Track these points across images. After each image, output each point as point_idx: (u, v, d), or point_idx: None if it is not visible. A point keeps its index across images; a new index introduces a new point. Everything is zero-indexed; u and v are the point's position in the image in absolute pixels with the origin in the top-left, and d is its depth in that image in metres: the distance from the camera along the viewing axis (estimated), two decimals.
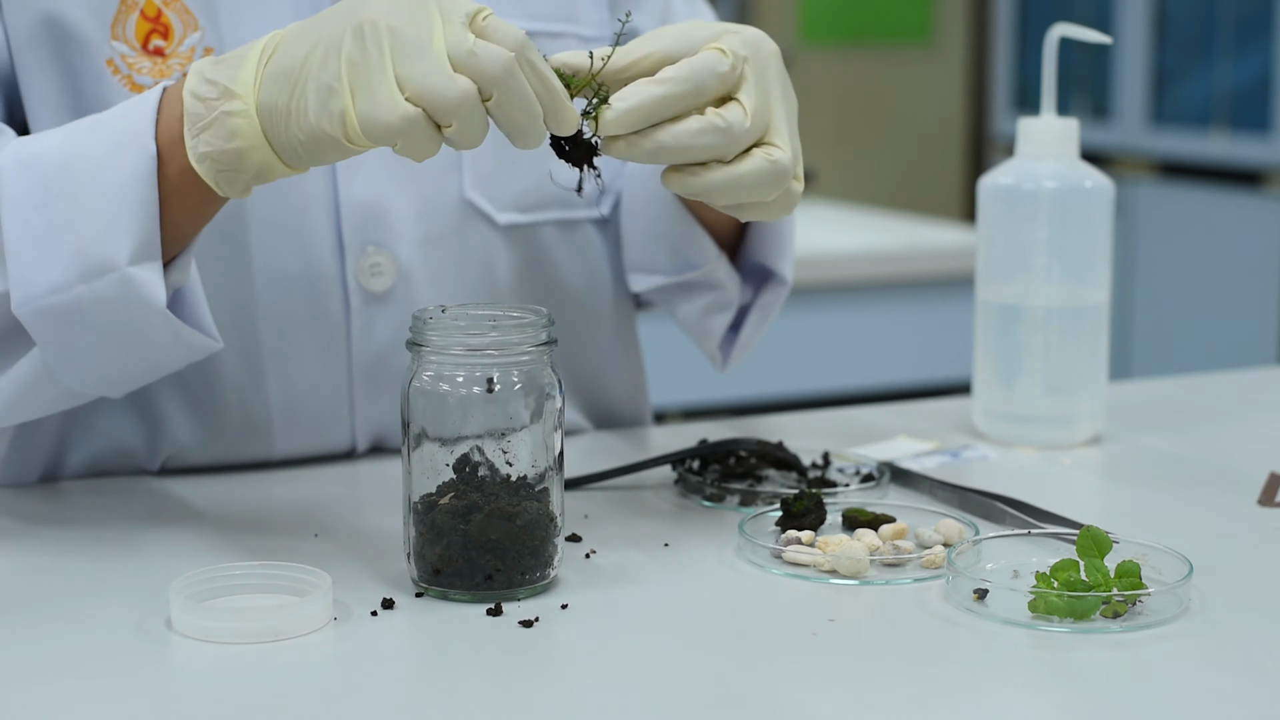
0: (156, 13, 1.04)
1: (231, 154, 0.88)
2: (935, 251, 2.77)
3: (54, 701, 0.75)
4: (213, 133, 0.88)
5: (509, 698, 0.75)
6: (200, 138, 0.88)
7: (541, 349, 0.87)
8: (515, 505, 0.86)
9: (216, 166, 0.89)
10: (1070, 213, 1.19)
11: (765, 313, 1.19)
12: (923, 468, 1.14)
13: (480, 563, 0.86)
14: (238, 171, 0.89)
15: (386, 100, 0.83)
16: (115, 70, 1.03)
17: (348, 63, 0.84)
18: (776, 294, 1.19)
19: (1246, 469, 1.13)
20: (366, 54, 0.84)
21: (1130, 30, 4.30)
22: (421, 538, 0.87)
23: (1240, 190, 4.01)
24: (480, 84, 0.83)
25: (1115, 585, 0.85)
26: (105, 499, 1.07)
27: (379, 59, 0.84)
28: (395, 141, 0.84)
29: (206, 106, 0.88)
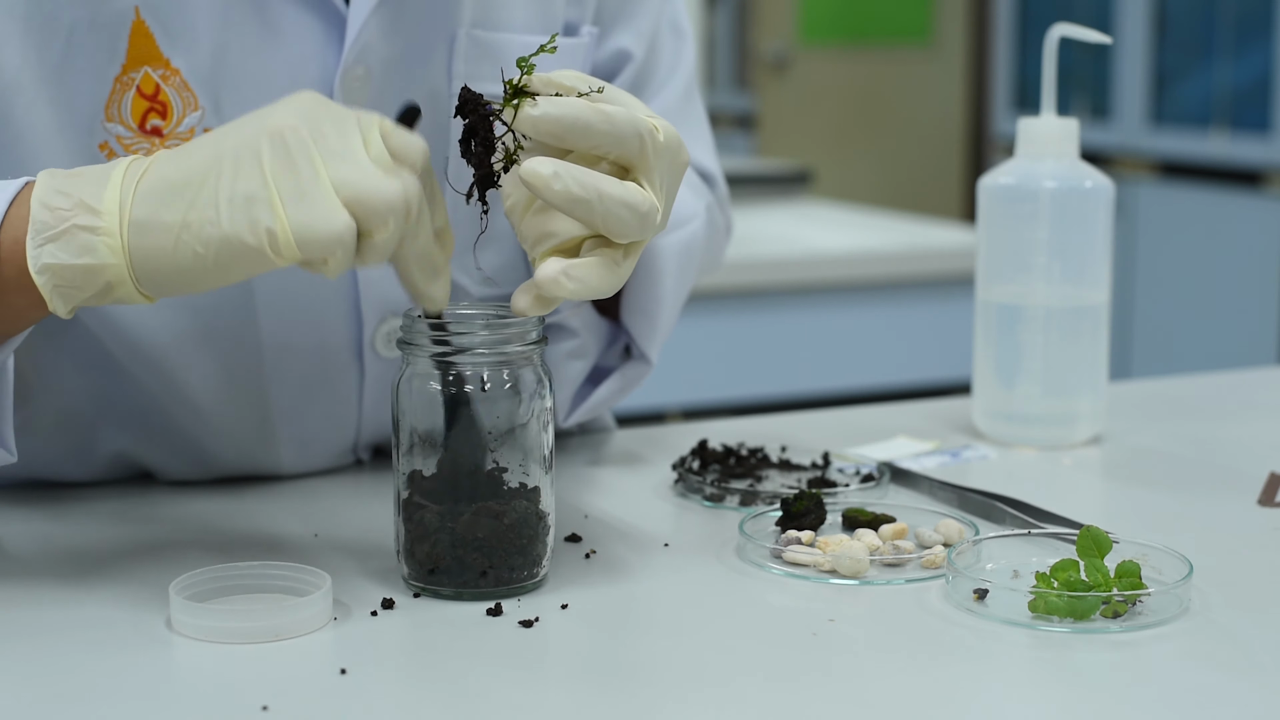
0: (155, 89, 0.97)
1: (78, 271, 0.81)
2: (935, 251, 2.77)
3: (54, 701, 0.75)
4: (60, 245, 0.81)
5: (509, 698, 0.75)
6: (45, 248, 0.81)
7: (531, 348, 0.87)
8: (503, 504, 0.86)
9: (55, 280, 0.81)
10: (1070, 213, 1.19)
11: (625, 383, 1.14)
12: (923, 468, 1.14)
13: (468, 561, 0.86)
14: (78, 289, 0.81)
15: (326, 209, 0.77)
16: (110, 154, 0.97)
17: (271, 170, 0.78)
18: (636, 371, 1.14)
19: (1246, 469, 1.13)
20: (293, 160, 0.78)
21: (1130, 30, 4.31)
22: (410, 536, 0.87)
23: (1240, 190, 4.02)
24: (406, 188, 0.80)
25: (1115, 585, 0.85)
26: (106, 500, 1.07)
27: (308, 166, 0.78)
28: (334, 253, 0.78)
29: (55, 216, 0.81)
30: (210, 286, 0.81)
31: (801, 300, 2.66)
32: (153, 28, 0.97)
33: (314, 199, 0.78)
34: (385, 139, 0.81)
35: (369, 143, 0.80)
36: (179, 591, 0.83)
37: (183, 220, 0.79)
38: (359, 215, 0.78)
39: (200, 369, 1.04)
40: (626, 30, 1.16)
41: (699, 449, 1.13)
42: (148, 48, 0.97)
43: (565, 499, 1.05)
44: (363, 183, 0.78)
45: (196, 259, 0.79)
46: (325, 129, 0.79)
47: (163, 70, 0.97)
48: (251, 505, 1.05)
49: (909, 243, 2.85)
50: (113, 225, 0.80)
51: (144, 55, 0.97)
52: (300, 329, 1.05)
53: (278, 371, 1.06)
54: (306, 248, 0.78)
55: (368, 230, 0.79)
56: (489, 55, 1.06)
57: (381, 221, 0.78)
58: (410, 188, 0.80)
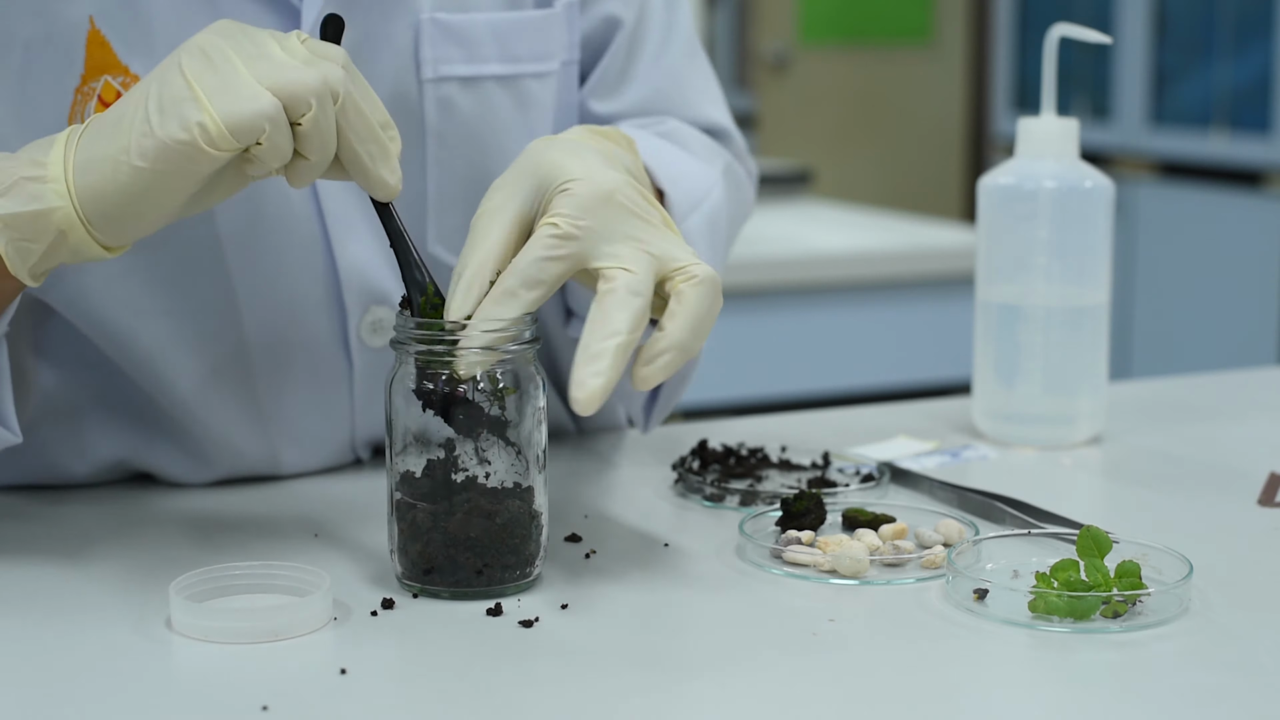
0: (115, 97, 0.97)
1: (26, 218, 0.84)
2: (935, 251, 2.77)
3: (54, 701, 0.75)
4: (9, 198, 0.84)
5: (509, 698, 0.75)
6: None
7: (525, 347, 0.87)
8: (496, 503, 0.86)
9: (9, 233, 0.84)
10: (1070, 213, 1.19)
11: (681, 377, 1.14)
12: (922, 468, 1.14)
13: (461, 560, 0.86)
14: (30, 241, 0.84)
15: (249, 93, 0.81)
16: None
17: (193, 74, 0.81)
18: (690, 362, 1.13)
19: (1246, 469, 1.13)
20: (213, 62, 0.82)
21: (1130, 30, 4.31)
22: (404, 535, 0.87)
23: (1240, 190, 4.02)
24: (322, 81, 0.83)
25: (1115, 585, 0.85)
26: (106, 500, 1.07)
27: (227, 64, 0.82)
28: (262, 132, 0.81)
29: (4, 174, 0.84)
30: (159, 210, 0.84)
31: (801, 300, 2.66)
32: (109, 36, 0.97)
33: (237, 88, 0.81)
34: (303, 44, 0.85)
35: (287, 47, 0.84)
36: (179, 591, 0.83)
37: (119, 145, 0.82)
38: (282, 99, 0.81)
39: (189, 370, 1.04)
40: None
41: (699, 449, 1.13)
42: (105, 56, 0.97)
43: (565, 499, 1.05)
44: (281, 71, 0.82)
45: (137, 173, 0.82)
46: (241, 39, 0.83)
47: (123, 78, 0.97)
48: (251, 505, 1.05)
49: (909, 243, 2.85)
50: (58, 173, 0.84)
51: (102, 64, 0.97)
52: (284, 324, 1.06)
53: (265, 369, 1.06)
54: (238, 132, 0.81)
55: (295, 115, 0.82)
56: (454, 38, 1.06)
57: (304, 103, 0.82)
58: (330, 74, 0.83)
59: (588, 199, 0.86)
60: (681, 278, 0.86)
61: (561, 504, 1.04)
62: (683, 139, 1.14)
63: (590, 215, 0.86)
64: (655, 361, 0.84)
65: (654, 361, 0.84)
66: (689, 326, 0.85)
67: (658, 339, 0.85)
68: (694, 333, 0.85)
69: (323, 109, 0.82)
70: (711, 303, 0.86)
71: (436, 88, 1.06)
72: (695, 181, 1.11)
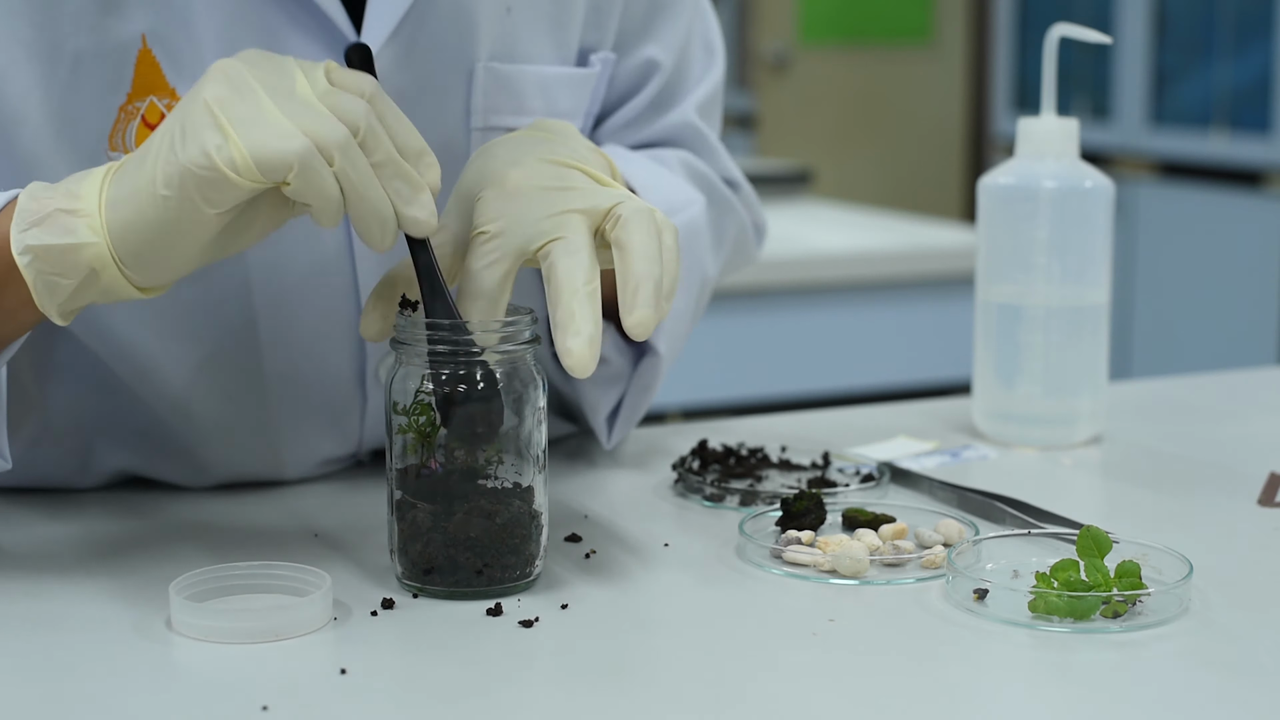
0: (160, 118, 0.95)
1: (58, 251, 0.82)
2: (935, 251, 2.77)
3: (54, 701, 0.75)
4: (44, 228, 0.83)
5: (509, 698, 0.75)
6: (29, 232, 0.83)
7: (525, 347, 0.87)
8: (496, 503, 0.86)
9: (39, 265, 0.83)
10: (1070, 213, 1.19)
11: (644, 386, 1.13)
12: (922, 468, 1.14)
13: (461, 560, 0.86)
14: (61, 275, 0.83)
15: (278, 128, 0.79)
16: None
17: (216, 101, 0.80)
18: (653, 368, 1.12)
19: (1246, 469, 1.13)
20: (238, 91, 0.80)
21: (1130, 30, 4.31)
22: (404, 535, 0.88)
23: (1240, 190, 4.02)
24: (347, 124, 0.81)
25: (1115, 585, 0.85)
26: (106, 500, 1.07)
27: (252, 95, 0.80)
28: (291, 169, 0.79)
29: (40, 205, 0.83)
30: (188, 245, 0.82)
31: (801, 300, 2.66)
32: (159, 56, 0.95)
33: (265, 120, 0.80)
34: (329, 75, 0.83)
35: (312, 80, 0.82)
36: (179, 591, 0.83)
37: (146, 177, 0.81)
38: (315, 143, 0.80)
39: (204, 397, 1.04)
40: (654, 41, 1.15)
41: (699, 449, 1.13)
42: (153, 77, 0.95)
43: (565, 499, 1.05)
44: (311, 120, 0.80)
45: (162, 203, 0.81)
46: (267, 69, 0.82)
47: (168, 99, 0.95)
48: (251, 505, 1.05)
49: (909, 243, 2.85)
50: (92, 207, 0.83)
51: (150, 84, 0.95)
52: (302, 358, 1.05)
53: (280, 398, 1.06)
54: (264, 166, 0.79)
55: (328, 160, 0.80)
56: (507, 88, 1.04)
57: (329, 154, 0.80)
58: (354, 112, 0.81)
59: (500, 195, 0.87)
60: (611, 222, 0.86)
61: (561, 504, 1.04)
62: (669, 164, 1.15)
63: (507, 208, 0.86)
64: (635, 303, 0.83)
65: (633, 305, 0.83)
66: (641, 257, 0.84)
67: (623, 283, 0.84)
68: (647, 260, 0.84)
69: (348, 159, 0.81)
70: (648, 229, 0.85)
71: (484, 136, 1.05)
72: (672, 194, 1.10)
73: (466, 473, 0.86)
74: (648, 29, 1.14)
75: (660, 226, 0.86)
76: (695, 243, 1.12)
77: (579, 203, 0.86)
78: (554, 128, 0.94)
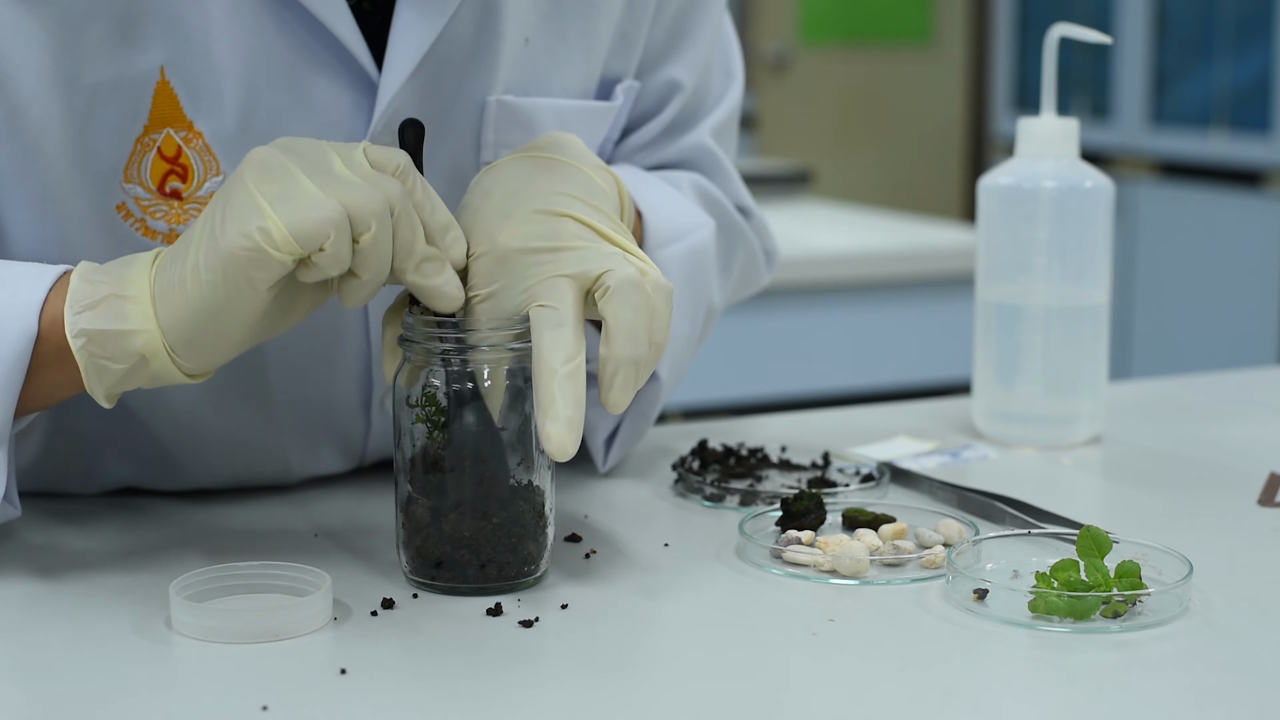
0: (176, 152, 0.95)
1: (111, 337, 0.84)
2: (935, 251, 2.77)
3: (54, 701, 0.75)
4: (98, 312, 0.85)
5: (509, 698, 0.75)
6: (82, 315, 0.85)
7: (530, 344, 0.87)
8: (492, 503, 0.87)
9: (92, 348, 0.85)
10: (1070, 213, 1.19)
11: (642, 412, 1.12)
12: (923, 468, 1.14)
13: (457, 557, 0.87)
14: (112, 360, 0.85)
15: (314, 200, 0.81)
16: (127, 215, 0.96)
17: (255, 185, 0.81)
18: (653, 395, 1.11)
19: (1246, 469, 1.13)
20: (272, 174, 0.82)
21: (1130, 30, 4.31)
22: (407, 530, 0.88)
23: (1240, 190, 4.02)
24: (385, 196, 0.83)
25: (1115, 585, 0.85)
26: (106, 500, 1.07)
27: (289, 176, 0.81)
28: (326, 238, 0.81)
29: (94, 289, 0.85)
30: (236, 329, 0.84)
31: (801, 300, 2.66)
32: (177, 89, 0.94)
33: (300, 196, 0.81)
34: (366, 153, 0.85)
35: (349, 161, 0.84)
36: (179, 591, 0.83)
37: (189, 263, 0.83)
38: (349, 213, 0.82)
39: (210, 419, 1.04)
40: (677, 62, 1.14)
41: (699, 449, 1.13)
42: (171, 109, 0.94)
43: (565, 499, 1.06)
44: (347, 189, 0.82)
45: (207, 288, 0.82)
46: (303, 153, 0.83)
47: (185, 132, 0.95)
48: (252, 505, 1.05)
49: (909, 243, 2.85)
50: (143, 294, 0.85)
51: (167, 117, 0.94)
52: (310, 386, 1.05)
53: (286, 423, 1.06)
54: (302, 237, 0.81)
55: (356, 233, 0.82)
56: (519, 121, 1.03)
57: (365, 223, 0.82)
58: (390, 190, 0.83)
59: (492, 259, 0.87)
60: (599, 291, 0.86)
61: (561, 504, 1.04)
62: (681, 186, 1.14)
63: (498, 274, 0.87)
64: (611, 386, 0.85)
65: (610, 386, 0.85)
66: (622, 338, 0.85)
67: (603, 362, 0.85)
68: (630, 342, 0.85)
69: (382, 230, 0.82)
70: (636, 303, 0.85)
71: None
72: (681, 216, 1.09)
73: (468, 470, 0.87)
74: (671, 50, 1.13)
75: (650, 295, 0.86)
76: (701, 268, 1.11)
77: (568, 267, 0.86)
78: (559, 145, 0.94)
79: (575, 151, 0.94)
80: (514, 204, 0.89)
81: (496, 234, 0.88)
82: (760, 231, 1.22)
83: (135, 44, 0.92)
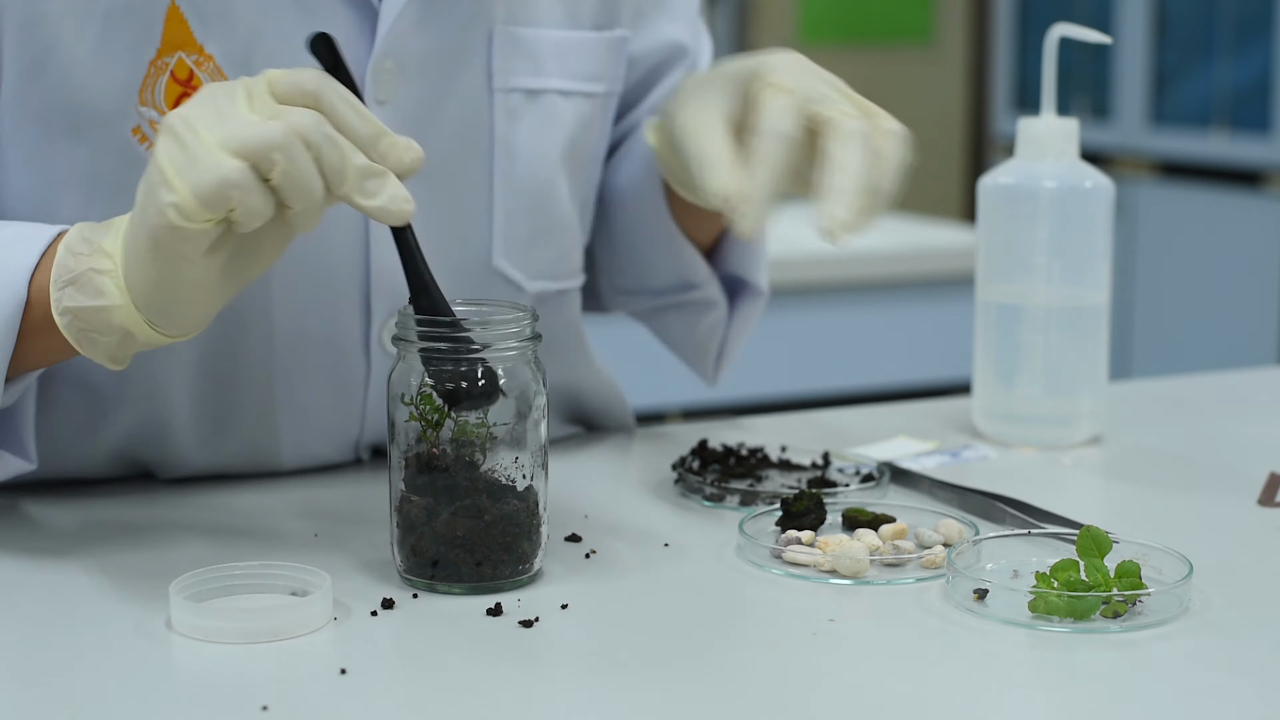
0: (188, 75, 0.97)
1: (93, 313, 0.85)
2: (935, 251, 2.77)
3: (54, 701, 0.75)
4: (77, 288, 0.85)
5: (509, 698, 0.75)
6: (65, 291, 0.86)
7: (526, 344, 0.87)
8: (487, 501, 0.86)
9: (78, 324, 0.86)
10: (1070, 213, 1.19)
11: (744, 324, 1.19)
12: (923, 468, 1.14)
13: (450, 557, 0.87)
14: (99, 334, 0.86)
15: (210, 162, 0.79)
16: (143, 138, 0.98)
17: (165, 155, 0.81)
18: (754, 305, 1.18)
19: (1246, 469, 1.13)
20: (181, 139, 0.81)
21: (1130, 30, 4.30)
22: (400, 529, 0.88)
23: (1240, 190, 4.01)
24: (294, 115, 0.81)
25: (1115, 585, 0.85)
26: (106, 498, 1.07)
27: (194, 138, 0.80)
28: (229, 199, 0.79)
29: (76, 261, 0.86)
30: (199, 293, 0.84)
31: (801, 300, 2.66)
32: (187, 14, 0.97)
33: (200, 159, 0.80)
34: (272, 85, 0.83)
35: (255, 98, 0.82)
36: (179, 591, 0.83)
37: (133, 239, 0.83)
38: (249, 159, 0.80)
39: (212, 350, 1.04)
40: (671, 20, 1.17)
41: (699, 449, 1.13)
42: (182, 33, 0.98)
43: (565, 499, 1.05)
44: (242, 132, 0.80)
45: (151, 265, 0.83)
46: (211, 103, 0.82)
47: (196, 56, 0.98)
48: (252, 504, 1.05)
49: (909, 243, 2.84)
50: (117, 265, 0.85)
51: (178, 40, 0.97)
52: (313, 320, 1.06)
53: (287, 361, 1.06)
54: (207, 202, 0.80)
55: (266, 169, 0.80)
56: (523, 50, 1.07)
57: (268, 160, 0.80)
58: (295, 118, 0.81)
59: (785, 66, 0.97)
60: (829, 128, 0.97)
61: (561, 504, 1.04)
62: None
63: (796, 78, 0.96)
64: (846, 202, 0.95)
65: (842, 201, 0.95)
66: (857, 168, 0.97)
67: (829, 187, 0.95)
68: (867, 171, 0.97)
69: (293, 161, 0.80)
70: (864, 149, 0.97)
71: (505, 98, 1.07)
72: None
73: (462, 470, 0.86)
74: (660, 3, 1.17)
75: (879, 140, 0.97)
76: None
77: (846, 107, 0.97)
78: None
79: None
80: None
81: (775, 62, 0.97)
82: None
83: None
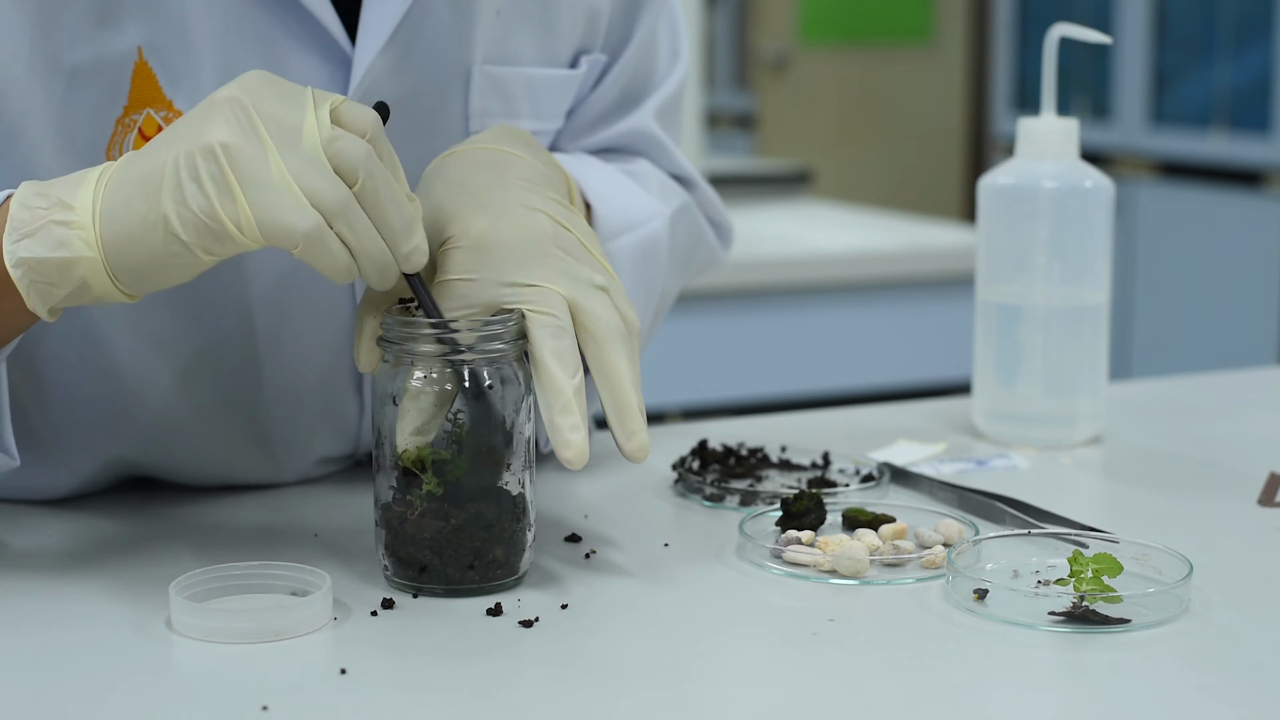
0: (156, 130, 0.95)
1: (53, 264, 0.83)
2: (935, 251, 2.77)
3: (54, 701, 0.75)
4: (36, 240, 0.83)
5: (509, 698, 0.75)
6: (21, 243, 0.83)
7: (511, 346, 0.87)
8: (469, 503, 0.86)
9: (32, 275, 0.83)
10: (1070, 213, 1.19)
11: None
12: (937, 472, 1.13)
13: (432, 561, 0.87)
14: (53, 285, 0.84)
15: (287, 199, 0.80)
16: None
17: (225, 152, 0.80)
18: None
19: (1246, 469, 1.13)
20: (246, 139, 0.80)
21: (1130, 30, 4.31)
22: (385, 532, 0.88)
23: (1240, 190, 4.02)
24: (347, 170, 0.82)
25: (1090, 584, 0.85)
26: (106, 500, 1.07)
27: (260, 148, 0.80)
28: (297, 246, 0.80)
29: (33, 214, 0.83)
30: (187, 273, 0.84)
31: (801, 300, 2.66)
32: (155, 69, 0.95)
33: (272, 190, 0.80)
34: (335, 111, 0.83)
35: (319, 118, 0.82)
36: (179, 591, 0.83)
37: (155, 209, 0.81)
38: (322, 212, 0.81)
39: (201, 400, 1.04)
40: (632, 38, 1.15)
41: (699, 449, 1.13)
42: (150, 89, 0.95)
43: (565, 499, 1.06)
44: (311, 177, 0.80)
45: (173, 241, 0.82)
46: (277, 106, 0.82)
47: (165, 112, 0.95)
48: (251, 506, 1.05)
49: (909, 243, 2.85)
50: (86, 219, 0.83)
51: (146, 97, 0.95)
52: (301, 367, 1.05)
53: (278, 404, 1.05)
54: (270, 234, 0.80)
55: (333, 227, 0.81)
56: (499, 91, 1.05)
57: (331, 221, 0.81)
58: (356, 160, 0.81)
59: (466, 254, 0.88)
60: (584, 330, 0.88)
61: (562, 504, 1.04)
62: (642, 177, 1.14)
63: (475, 267, 0.88)
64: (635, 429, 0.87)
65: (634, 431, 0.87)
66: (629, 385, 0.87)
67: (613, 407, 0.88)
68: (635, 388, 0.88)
69: (348, 221, 0.82)
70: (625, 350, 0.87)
71: None
72: (633, 207, 1.10)
73: (447, 471, 0.86)
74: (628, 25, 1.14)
75: (630, 332, 0.88)
76: (653, 259, 1.11)
77: (558, 283, 0.88)
78: (514, 137, 0.95)
79: (529, 144, 0.96)
80: (488, 196, 0.90)
81: (471, 224, 0.89)
82: (706, 204, 1.22)
83: (112, 24, 0.93)
